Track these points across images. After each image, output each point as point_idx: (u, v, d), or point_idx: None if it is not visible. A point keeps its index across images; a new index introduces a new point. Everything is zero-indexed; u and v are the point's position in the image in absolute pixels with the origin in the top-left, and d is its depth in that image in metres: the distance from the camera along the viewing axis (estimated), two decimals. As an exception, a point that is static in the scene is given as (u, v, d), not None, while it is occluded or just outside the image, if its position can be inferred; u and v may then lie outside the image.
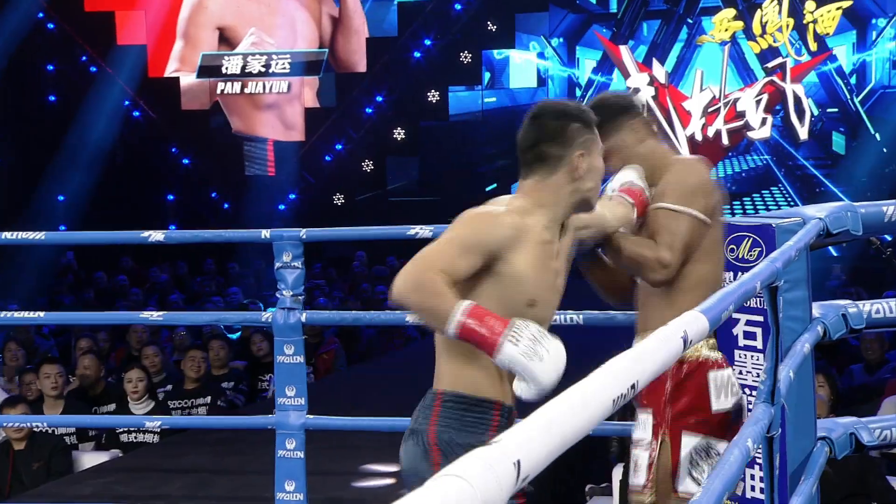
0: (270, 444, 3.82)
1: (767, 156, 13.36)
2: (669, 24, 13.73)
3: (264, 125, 14.80)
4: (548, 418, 0.80)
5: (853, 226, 3.01)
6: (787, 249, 2.19)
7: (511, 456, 0.73)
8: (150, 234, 3.90)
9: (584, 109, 2.35)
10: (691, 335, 1.19)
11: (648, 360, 1.03)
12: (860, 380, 5.92)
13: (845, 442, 3.06)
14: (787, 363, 2.41)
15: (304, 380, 3.82)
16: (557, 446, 0.79)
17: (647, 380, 1.02)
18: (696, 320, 1.24)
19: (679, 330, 1.16)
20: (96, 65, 14.62)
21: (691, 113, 13.17)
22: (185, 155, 14.99)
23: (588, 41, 14.05)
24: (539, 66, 14.11)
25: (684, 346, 1.18)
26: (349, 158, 14.56)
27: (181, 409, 5.65)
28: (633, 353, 1.02)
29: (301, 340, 3.83)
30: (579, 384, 0.90)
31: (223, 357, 6.32)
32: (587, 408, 0.86)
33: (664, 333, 1.13)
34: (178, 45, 14.72)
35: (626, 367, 0.98)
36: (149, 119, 14.86)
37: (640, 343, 1.08)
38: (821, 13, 12.94)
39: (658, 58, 13.56)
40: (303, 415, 3.78)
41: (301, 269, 3.80)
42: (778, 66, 13.06)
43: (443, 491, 0.67)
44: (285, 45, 14.59)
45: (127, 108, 14.74)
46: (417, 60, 14.34)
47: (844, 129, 13.21)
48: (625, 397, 0.95)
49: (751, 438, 1.82)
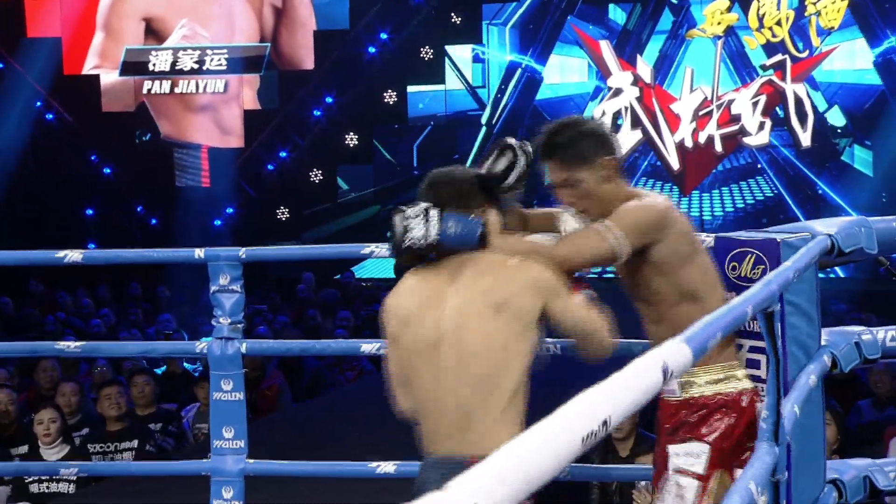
0: (205, 492, 3.81)
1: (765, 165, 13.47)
2: (646, 9, 13.78)
3: (197, 130, 14.77)
4: (509, 460, 0.82)
5: (867, 243, 3.05)
6: (784, 270, 2.22)
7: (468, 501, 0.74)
8: (66, 254, 3.87)
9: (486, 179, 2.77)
10: (672, 366, 1.20)
11: (623, 393, 1.05)
12: (869, 417, 5.97)
13: (858, 486, 3.08)
14: (792, 397, 2.43)
15: (244, 419, 3.81)
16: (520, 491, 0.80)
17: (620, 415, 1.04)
18: (678, 350, 1.25)
19: (658, 360, 1.18)
20: (3, 60, 14.53)
21: (680, 116, 13.28)
22: (106, 163, 14.91)
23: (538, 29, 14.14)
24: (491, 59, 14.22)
25: (664, 378, 1.20)
26: (295, 167, 14.54)
27: (102, 455, 5.61)
28: (607, 386, 1.04)
29: (241, 374, 3.82)
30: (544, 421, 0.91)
31: (148, 394, 6.28)
32: (554, 447, 0.87)
33: (642, 364, 1.15)
34: (97, 38, 14.66)
35: (597, 401, 0.99)
36: (64, 122, 14.77)
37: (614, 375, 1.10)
38: (824, 5, 13.11)
39: (631, 50, 13.64)
40: (242, 459, 3.77)
41: (240, 293, 3.80)
42: (777, 63, 13.20)
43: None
44: (221, 38, 14.58)
45: (39, 109, 14.65)
46: (372, 56, 14.38)
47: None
48: (596, 435, 0.96)
49: (753, 482, 1.83)
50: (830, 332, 3.11)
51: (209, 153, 14.81)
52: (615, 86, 13.58)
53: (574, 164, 2.78)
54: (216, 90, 14.63)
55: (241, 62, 14.55)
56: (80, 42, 14.67)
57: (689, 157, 13.33)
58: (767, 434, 2.13)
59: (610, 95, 13.60)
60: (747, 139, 13.25)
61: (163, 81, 14.62)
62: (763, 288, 1.93)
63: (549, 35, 14.05)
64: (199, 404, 6.47)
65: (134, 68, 14.58)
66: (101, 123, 14.64)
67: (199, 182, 14.89)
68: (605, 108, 13.56)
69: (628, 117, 13.45)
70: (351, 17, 14.45)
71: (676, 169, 13.33)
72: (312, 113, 14.57)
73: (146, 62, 14.58)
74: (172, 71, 14.56)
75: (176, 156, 14.85)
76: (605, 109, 13.57)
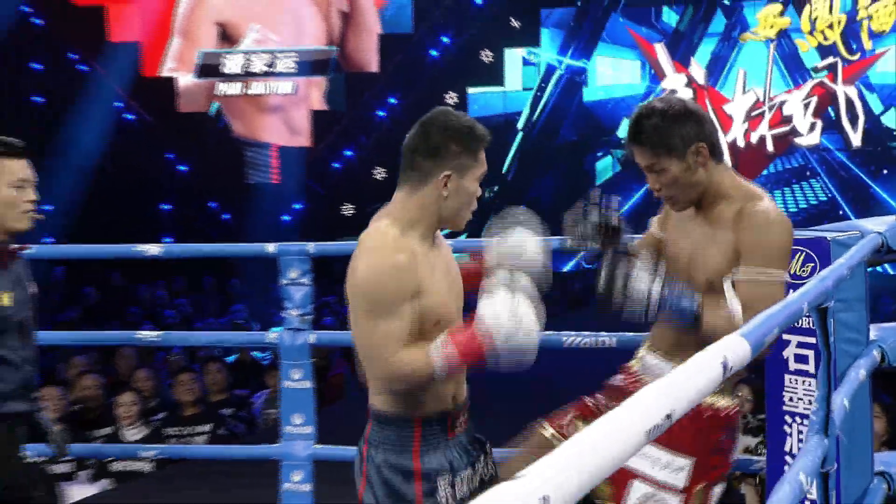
0: (274, 475, 3.83)
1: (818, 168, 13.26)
2: (698, 11, 13.64)
3: (268, 129, 14.88)
4: (579, 449, 0.81)
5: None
6: (838, 266, 2.19)
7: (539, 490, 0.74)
8: (146, 248, 3.92)
9: (474, 130, 2.43)
10: (732, 362, 1.19)
11: (685, 388, 1.04)
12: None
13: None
14: (842, 391, 2.40)
15: (313, 406, 3.83)
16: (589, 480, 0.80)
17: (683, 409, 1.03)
18: (737, 345, 1.24)
19: (719, 356, 1.17)
20: (86, 63, 14.74)
21: (733, 117, 13.16)
22: (182, 161, 15.08)
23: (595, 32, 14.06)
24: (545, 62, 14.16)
25: (724, 373, 1.18)
26: (360, 166, 14.61)
27: (178, 438, 5.68)
28: (668, 381, 1.03)
29: (309, 363, 3.84)
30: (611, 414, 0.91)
31: (221, 381, 6.35)
32: (619, 439, 0.87)
33: (702, 359, 1.14)
34: (174, 42, 14.82)
35: (661, 396, 0.99)
36: (143, 122, 14.95)
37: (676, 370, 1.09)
38: (876, 8, 12.91)
39: (683, 52, 13.52)
40: (310, 444, 3.80)
41: (309, 286, 3.82)
42: (828, 66, 13.02)
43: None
44: (291, 42, 14.67)
45: (119, 110, 14.85)
46: (434, 59, 14.39)
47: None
48: (660, 428, 0.96)
49: (804, 472, 1.81)
50: (879, 327, 3.07)
51: (279, 152, 14.92)
52: (669, 87, 13.48)
53: (661, 152, 2.52)
54: (286, 92, 14.73)
55: (309, 65, 14.63)
56: (158, 46, 14.84)
57: (741, 157, 13.19)
58: (817, 426, 2.10)
59: (664, 96, 13.50)
60: (798, 139, 13.09)
61: (235, 83, 14.75)
62: (818, 284, 1.90)
63: (589, 36, 13.97)
64: (268, 391, 6.52)
65: (208, 71, 14.72)
66: (178, 123, 14.80)
67: (269, 179, 15.01)
68: (659, 110, 13.46)
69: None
70: (414, 22, 14.47)
71: (728, 168, 13.20)
72: (377, 113, 14.62)
73: (220, 65, 14.71)
74: (244, 73, 14.68)
75: (247, 154, 14.98)
76: (659, 110, 13.47)
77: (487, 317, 2.27)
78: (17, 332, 2.94)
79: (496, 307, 2.28)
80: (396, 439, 2.40)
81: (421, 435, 2.40)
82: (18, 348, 2.94)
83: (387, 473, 2.39)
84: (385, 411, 2.42)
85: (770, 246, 2.46)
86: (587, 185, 14.07)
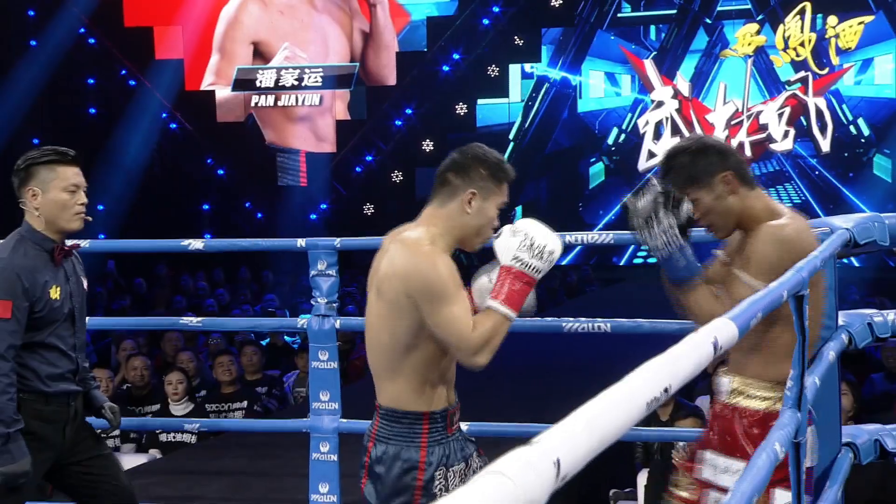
0: (305, 447, 3.84)
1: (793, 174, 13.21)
2: (681, 30, 13.60)
3: (297, 137, 14.89)
4: (587, 418, 0.82)
5: (880, 236, 3.00)
6: (812, 259, 2.19)
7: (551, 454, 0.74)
8: (189, 243, 3.94)
9: (502, 164, 2.42)
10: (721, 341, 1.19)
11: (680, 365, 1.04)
12: (882, 388, 5.89)
13: (870, 448, 3.05)
14: (814, 370, 2.40)
15: (338, 385, 3.84)
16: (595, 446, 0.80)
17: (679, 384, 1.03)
18: (725, 326, 1.24)
19: (710, 336, 1.17)
20: (135, 78, 14.77)
21: (715, 125, 13.13)
22: (220, 166, 15.10)
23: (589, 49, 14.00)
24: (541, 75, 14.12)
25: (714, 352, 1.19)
26: (379, 170, 14.61)
27: (217, 413, 5.69)
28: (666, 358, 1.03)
29: (335, 346, 3.85)
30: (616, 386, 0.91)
31: (256, 363, 6.36)
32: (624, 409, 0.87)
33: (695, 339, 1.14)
34: (213, 59, 14.84)
35: (659, 371, 0.99)
36: (185, 131, 14.98)
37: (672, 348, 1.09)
38: (842, 28, 12.87)
39: (668, 66, 13.48)
40: (336, 419, 3.80)
41: (335, 277, 3.82)
42: (800, 80, 12.99)
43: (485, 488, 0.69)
44: (317, 59, 14.68)
45: (164, 120, 14.87)
46: (446, 74, 14.38)
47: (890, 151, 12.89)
48: (658, 400, 0.96)
49: (778, 443, 1.81)
50: (847, 314, 3.07)
51: (306, 157, 14.93)
52: (657, 98, 13.45)
53: (689, 186, 2.48)
54: (313, 103, 14.73)
55: (333, 79, 14.64)
56: (199, 63, 14.86)
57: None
58: (791, 401, 2.10)
59: (653, 107, 13.48)
60: (774, 145, 13.07)
61: (268, 96, 14.76)
62: (795, 274, 1.91)
63: (578, 51, 13.92)
64: (298, 371, 6.52)
65: (244, 85, 14.73)
66: (216, 132, 14.82)
67: (298, 182, 15.02)
68: (649, 119, 13.45)
69: (669, 126, 13.33)
70: (428, 41, 14.47)
71: (710, 171, 13.16)
72: (394, 123, 14.62)
73: (254, 79, 14.73)
74: (276, 87, 14.69)
75: (278, 159, 14.99)
76: (648, 119, 13.46)
77: (500, 250, 2.31)
78: (67, 322, 2.96)
79: (504, 241, 2.32)
80: (407, 433, 2.37)
81: (428, 430, 2.38)
82: (68, 336, 2.96)
83: (392, 465, 2.37)
84: (396, 408, 2.39)
85: (763, 259, 2.42)
86: (581, 189, 14.04)
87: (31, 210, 2.92)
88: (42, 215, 2.90)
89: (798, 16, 12.97)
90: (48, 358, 2.91)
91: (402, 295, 2.32)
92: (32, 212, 2.91)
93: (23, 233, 2.93)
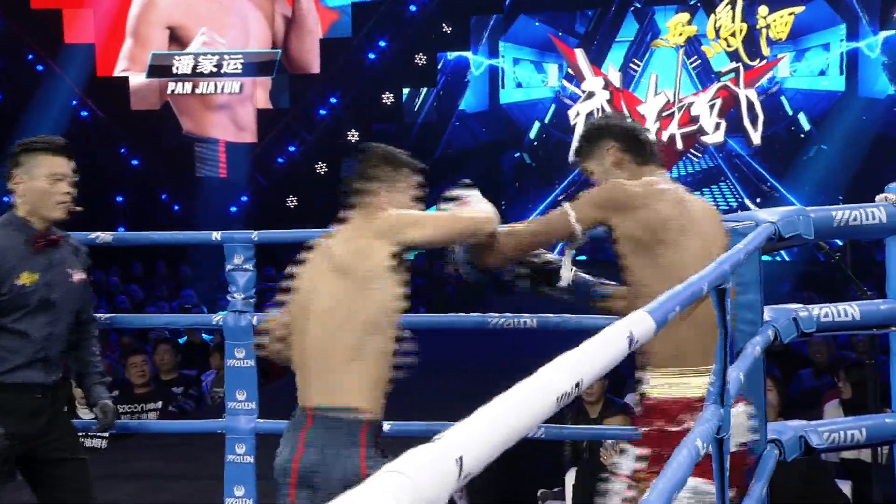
0: (220, 448, 3.80)
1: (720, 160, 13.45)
2: (606, 15, 13.71)
3: (216, 126, 14.72)
4: (491, 415, 0.82)
5: (805, 230, 3.06)
6: (735, 252, 2.23)
7: (453, 452, 0.75)
8: (98, 236, 3.86)
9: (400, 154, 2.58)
10: (637, 335, 1.21)
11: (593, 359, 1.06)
12: (809, 384, 6.01)
13: (795, 445, 3.11)
14: (738, 365, 2.44)
15: (255, 384, 3.81)
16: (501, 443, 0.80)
17: (590, 378, 1.04)
18: (641, 321, 1.26)
19: (625, 330, 1.18)
20: (43, 63, 14.46)
21: (646, 117, 13.29)
22: (134, 156, 14.86)
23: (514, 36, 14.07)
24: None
25: (629, 346, 1.20)
26: (302, 161, 14.51)
27: (131, 414, 5.61)
28: (578, 352, 1.04)
29: (252, 344, 3.81)
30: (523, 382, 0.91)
31: (170, 361, 6.27)
32: (531, 405, 0.88)
33: (610, 333, 1.15)
34: (127, 43, 14.59)
35: (570, 365, 1.00)
36: (97, 119, 14.71)
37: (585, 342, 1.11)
38: (773, 18, 13.11)
39: (594, 55, 13.59)
40: (253, 419, 3.77)
41: (252, 271, 3.79)
42: (731, 70, 13.20)
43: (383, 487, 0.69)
44: (237, 45, 14.52)
45: (75, 107, 14.59)
46: (372, 62, 14.34)
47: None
48: (569, 395, 0.97)
49: (700, 439, 1.84)
50: (773, 308, 3.12)
51: (226, 147, 14.77)
52: (588, 89, 13.57)
53: (582, 157, 2.69)
54: (232, 91, 14.58)
55: (254, 66, 14.50)
56: (112, 47, 14.60)
57: (652, 153, 13.32)
58: (714, 397, 2.13)
59: (584, 98, 13.59)
60: (705, 138, 13.26)
61: (185, 83, 14.56)
62: (716, 267, 1.94)
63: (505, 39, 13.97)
64: (217, 371, 6.46)
65: (159, 71, 14.52)
66: (130, 120, 14.58)
67: (217, 173, 14.85)
68: (580, 110, 13.56)
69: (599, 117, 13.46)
70: (353, 27, 14.40)
71: (641, 164, 13.33)
72: (319, 112, 14.54)
73: (170, 66, 14.52)
74: (193, 73, 14.51)
75: (196, 149, 14.81)
76: (579, 111, 13.57)
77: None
78: (42, 311, 3.00)
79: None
80: (346, 439, 2.33)
81: (367, 435, 2.36)
82: (42, 325, 3.00)
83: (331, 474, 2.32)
84: (338, 408, 2.35)
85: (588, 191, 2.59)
86: (503, 184, 14.06)
87: (16, 196, 3.06)
88: (26, 202, 3.04)
89: (729, 5, 13.18)
90: (8, 344, 2.96)
91: (376, 253, 2.35)
92: (18, 198, 3.05)
93: (9, 217, 3.07)
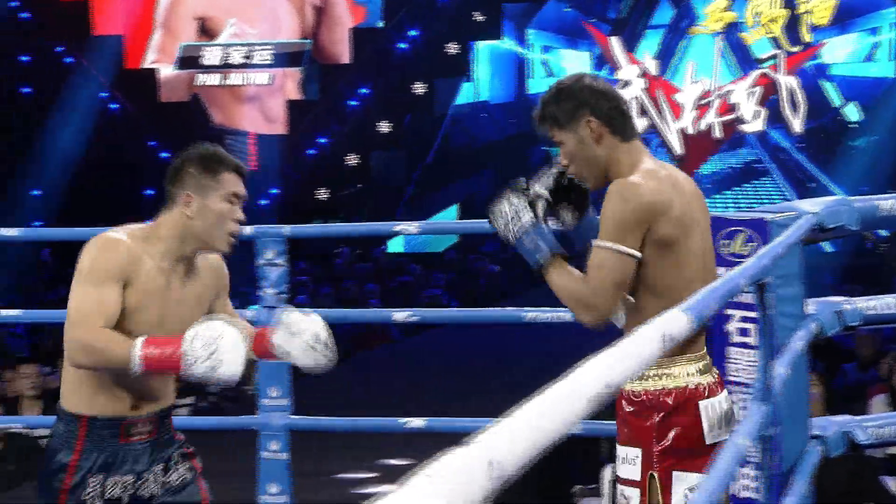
0: (254, 445, 3.83)
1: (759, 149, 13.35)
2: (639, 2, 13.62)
3: (245, 118, 14.80)
4: (525, 418, 0.83)
5: (849, 221, 3.04)
6: (775, 245, 2.22)
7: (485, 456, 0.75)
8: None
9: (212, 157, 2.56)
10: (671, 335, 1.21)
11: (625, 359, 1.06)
12: (854, 378, 5.97)
13: (839, 441, 3.08)
14: (781, 360, 2.43)
15: (288, 380, 3.83)
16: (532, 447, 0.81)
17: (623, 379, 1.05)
18: (677, 319, 1.25)
19: (659, 330, 1.18)
20: (72, 56, 14.59)
21: (683, 106, 13.22)
22: (163, 148, 14.96)
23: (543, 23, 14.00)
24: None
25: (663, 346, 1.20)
26: (333, 152, 14.56)
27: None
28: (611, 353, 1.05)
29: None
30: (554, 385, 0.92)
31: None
32: (562, 408, 0.88)
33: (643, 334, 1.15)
34: (156, 35, 14.69)
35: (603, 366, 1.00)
36: (126, 112, 14.83)
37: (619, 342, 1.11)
38: (815, 4, 12.98)
39: (625, 40, 13.51)
40: (286, 415, 3.80)
41: (284, 266, 3.82)
42: (771, 57, 13.10)
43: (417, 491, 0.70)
44: (267, 35, 14.58)
45: (103, 100, 14.71)
46: (403, 52, 14.35)
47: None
48: (601, 396, 0.97)
49: (745, 436, 1.84)
50: (816, 301, 3.10)
51: (256, 139, 14.85)
52: (624, 78, 13.51)
53: (555, 125, 2.35)
54: (262, 82, 14.64)
55: (284, 57, 14.55)
56: (140, 39, 14.71)
57: (691, 142, 13.27)
58: (758, 394, 2.12)
59: (619, 87, 13.54)
60: (744, 126, 13.18)
61: (214, 74, 14.65)
62: (756, 262, 1.93)
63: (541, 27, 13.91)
64: (247, 366, 6.48)
65: (188, 63, 14.61)
66: (159, 112, 14.69)
67: (247, 165, 14.91)
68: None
69: (636, 107, 13.40)
70: (384, 16, 14.42)
71: (678, 153, 13.28)
72: (349, 103, 14.57)
73: (199, 57, 14.61)
74: (223, 65, 14.59)
75: (226, 141, 14.89)
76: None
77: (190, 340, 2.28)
78: None
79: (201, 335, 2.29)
80: (63, 434, 2.42)
81: (85, 434, 2.42)
82: None
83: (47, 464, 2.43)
84: (61, 406, 2.44)
85: (605, 217, 2.29)
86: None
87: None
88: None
89: (768, -10, 13.08)
90: None
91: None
92: None
93: None
